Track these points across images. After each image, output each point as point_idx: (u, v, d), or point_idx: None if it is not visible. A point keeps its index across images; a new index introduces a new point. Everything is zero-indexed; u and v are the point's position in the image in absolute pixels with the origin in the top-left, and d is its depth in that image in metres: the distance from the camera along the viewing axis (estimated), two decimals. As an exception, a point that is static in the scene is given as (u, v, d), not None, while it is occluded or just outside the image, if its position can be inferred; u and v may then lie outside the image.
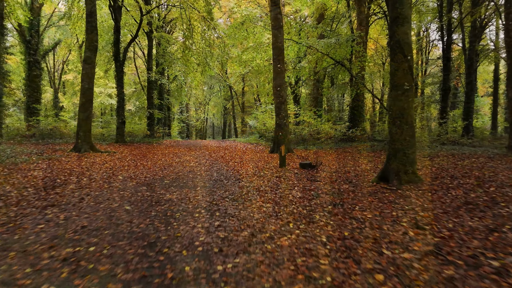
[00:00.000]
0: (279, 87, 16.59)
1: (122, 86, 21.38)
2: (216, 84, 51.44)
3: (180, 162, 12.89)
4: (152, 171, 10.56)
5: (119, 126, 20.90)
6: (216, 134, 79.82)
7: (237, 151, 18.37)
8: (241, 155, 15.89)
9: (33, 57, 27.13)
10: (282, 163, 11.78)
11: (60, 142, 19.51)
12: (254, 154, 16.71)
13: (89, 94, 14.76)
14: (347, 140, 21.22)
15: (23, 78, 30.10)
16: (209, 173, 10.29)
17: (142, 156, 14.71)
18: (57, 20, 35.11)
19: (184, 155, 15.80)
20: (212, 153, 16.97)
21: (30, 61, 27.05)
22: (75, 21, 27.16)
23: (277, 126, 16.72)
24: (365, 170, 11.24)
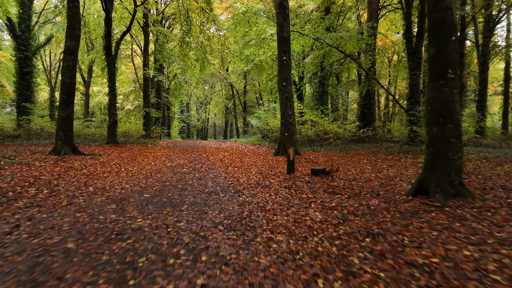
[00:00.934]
0: (284, 81, 14.64)
1: (114, 82, 19.48)
2: (218, 82, 49.53)
3: (171, 167, 10.96)
4: (135, 179, 8.63)
5: (111, 126, 19.00)
6: (217, 134, 77.91)
7: (238, 153, 16.43)
8: (242, 158, 13.96)
9: (24, 53, 25.29)
10: (291, 169, 9.84)
11: (46, 143, 17.61)
12: (257, 156, 14.77)
13: (70, 89, 12.86)
14: (358, 141, 19.27)
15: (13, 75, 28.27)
16: (203, 182, 8.35)
17: (131, 160, 12.80)
18: (53, 17, 33.37)
19: (178, 158, 13.88)
20: (210, 155, 15.04)
21: (20, 57, 25.21)
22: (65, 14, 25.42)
23: (282, 126, 14.78)
24: (388, 177, 9.32)
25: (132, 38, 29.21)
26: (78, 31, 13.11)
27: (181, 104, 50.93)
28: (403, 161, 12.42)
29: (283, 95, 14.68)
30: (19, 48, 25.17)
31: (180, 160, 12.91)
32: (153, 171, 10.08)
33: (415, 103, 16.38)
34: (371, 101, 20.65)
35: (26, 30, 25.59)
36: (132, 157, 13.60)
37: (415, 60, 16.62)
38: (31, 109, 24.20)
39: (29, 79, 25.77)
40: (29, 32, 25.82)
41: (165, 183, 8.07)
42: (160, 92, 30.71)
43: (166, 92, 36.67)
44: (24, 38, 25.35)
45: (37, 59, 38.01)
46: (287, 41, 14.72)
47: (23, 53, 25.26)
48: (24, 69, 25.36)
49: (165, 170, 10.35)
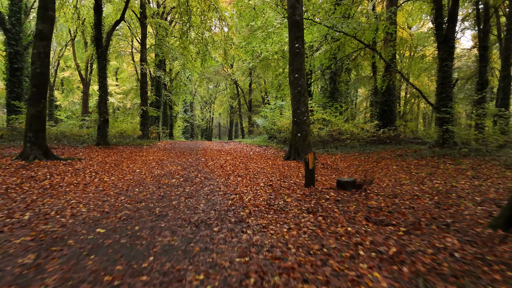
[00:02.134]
0: (297, 73, 12.25)
1: (104, 77, 17.22)
2: (222, 81, 47.22)
3: (159, 177, 8.62)
4: (103, 196, 6.31)
5: (101, 126, 16.73)
6: (222, 134, 75.62)
7: (242, 156, 14.07)
8: (247, 163, 11.59)
9: (14, 48, 23.16)
10: (310, 181, 7.47)
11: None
12: (265, 161, 12.40)
13: (42, 81, 10.57)
14: (377, 142, 16.82)
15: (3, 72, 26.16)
16: (193, 202, 5.99)
17: (114, 166, 10.49)
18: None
19: (172, 163, 11.54)
20: (209, 160, 12.69)
21: (11, 52, 23.06)
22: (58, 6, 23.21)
23: (294, 125, 12.40)
24: (439, 192, 7.01)
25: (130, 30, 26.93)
26: (52, 12, 10.81)
27: (185, 103, 48.64)
28: (443, 168, 9.99)
29: (295, 89, 12.30)
30: (9, 42, 23.05)
31: (172, 166, 10.56)
32: (133, 182, 7.75)
33: (446, 98, 13.92)
34: (391, 98, 18.19)
35: (16, 23, 23.45)
36: (118, 162, 11.29)
37: (447, 49, 14.17)
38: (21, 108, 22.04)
39: (20, 76, 23.62)
40: (19, 26, 23.68)
41: (140, 203, 5.72)
42: (160, 89, 28.40)
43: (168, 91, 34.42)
44: (14, 32, 23.22)
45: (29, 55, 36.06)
46: (299, 25, 12.33)
47: (13, 48, 23.14)
48: (14, 65, 23.23)
49: (149, 181, 8.00)
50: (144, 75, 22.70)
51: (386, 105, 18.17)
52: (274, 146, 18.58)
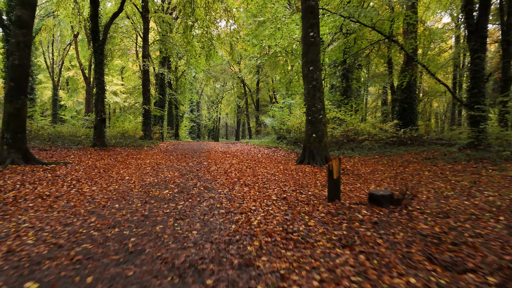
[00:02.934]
0: (311, 65, 10.68)
1: (102, 73, 15.81)
2: (229, 80, 45.73)
3: (149, 186, 7.11)
4: (70, 214, 4.82)
5: (98, 125, 15.32)
6: (229, 135, 74.20)
7: (249, 159, 12.53)
8: (255, 168, 10.04)
9: (12, 45, 21.83)
10: (335, 193, 5.92)
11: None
12: (275, 165, 10.84)
13: (21, 74, 9.16)
14: (398, 143, 15.16)
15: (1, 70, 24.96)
16: (185, 225, 4.46)
17: (102, 172, 9.03)
18: (53, 10, 30.03)
19: (169, 168, 10.03)
20: (213, 164, 11.16)
21: (8, 49, 21.80)
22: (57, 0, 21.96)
23: (308, 124, 10.84)
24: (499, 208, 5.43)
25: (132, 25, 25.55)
26: (33, -4, 9.43)
27: (191, 103, 47.22)
28: (487, 175, 8.36)
29: (309, 84, 10.73)
30: (7, 39, 21.81)
31: (168, 172, 9.06)
32: (116, 195, 6.26)
33: (479, 95, 12.26)
34: (412, 95, 16.48)
35: (15, 19, 22.19)
36: (108, 167, 9.84)
37: (479, 39, 12.52)
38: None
39: (18, 74, 22.36)
40: (18, 21, 22.42)
41: (112, 229, 4.20)
42: (164, 88, 26.97)
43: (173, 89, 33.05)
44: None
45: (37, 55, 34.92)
46: (314, 11, 10.76)
47: (11, 44, 21.84)
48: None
49: (136, 192, 6.50)
50: (146, 72, 21.29)
51: (407, 103, 16.47)
52: (284, 147, 17.00)
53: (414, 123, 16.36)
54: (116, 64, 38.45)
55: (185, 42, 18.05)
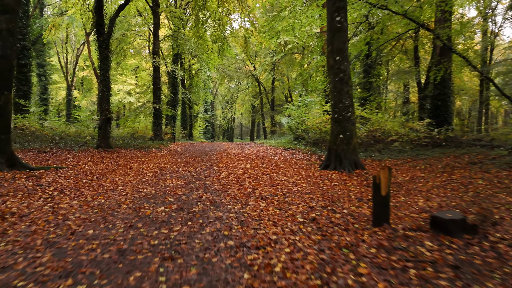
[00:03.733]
0: (338, 55, 9.10)
1: (107, 69, 14.57)
2: (244, 80, 44.29)
3: (143, 200, 5.65)
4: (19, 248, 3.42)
5: (102, 125, 14.09)
6: (244, 135, 72.81)
7: (265, 163, 11.00)
8: (272, 174, 8.50)
9: (21, 43, 20.97)
10: (383, 216, 4.36)
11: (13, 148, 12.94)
12: (295, 170, 9.28)
13: (4, 67, 7.89)
14: (432, 144, 13.37)
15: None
16: (175, 272, 2.98)
17: (96, 178, 7.68)
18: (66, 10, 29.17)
19: (174, 173, 8.59)
20: (223, 169, 9.68)
21: (17, 47, 20.88)
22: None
23: (335, 123, 9.26)
24: None
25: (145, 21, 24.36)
26: (19, -23, 8.17)
27: (205, 103, 45.98)
28: None
29: (335, 76, 9.15)
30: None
31: (171, 180, 7.61)
32: (97, 213, 4.83)
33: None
34: (447, 91, 14.64)
35: (23, 16, 21.28)
36: (105, 172, 8.49)
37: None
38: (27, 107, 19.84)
39: (27, 73, 21.49)
40: (27, 19, 21.54)
41: (65, 281, 2.76)
42: (176, 86, 25.66)
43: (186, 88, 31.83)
44: (21, 26, 21.04)
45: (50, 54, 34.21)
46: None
47: (20, 42, 20.95)
48: (21, 61, 21.08)
49: (123, 210, 5.05)
50: (156, 70, 20.02)
51: (440, 99, 14.64)
52: (302, 149, 15.41)
53: (449, 122, 14.53)
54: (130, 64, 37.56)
55: (197, 36, 16.69)
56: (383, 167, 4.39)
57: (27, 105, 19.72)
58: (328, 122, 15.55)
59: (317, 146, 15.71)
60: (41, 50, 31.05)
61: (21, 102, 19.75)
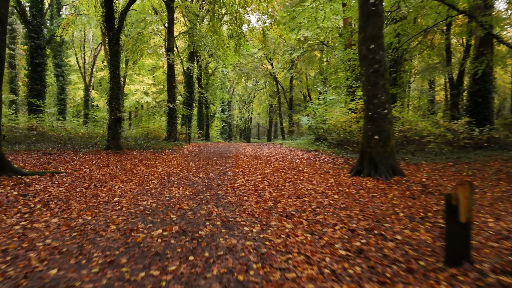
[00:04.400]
0: (372, 42, 7.76)
1: (117, 66, 13.60)
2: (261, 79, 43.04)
3: (139, 218, 4.47)
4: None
5: (112, 126, 13.13)
6: (261, 135, 71.60)
7: (287, 167, 9.73)
8: (296, 182, 7.21)
9: (35, 42, 20.41)
10: (463, 251, 3.05)
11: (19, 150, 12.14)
12: (322, 177, 7.96)
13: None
14: (474, 146, 11.79)
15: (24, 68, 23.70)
16: None
17: (94, 186, 6.60)
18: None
19: (182, 181, 7.41)
20: (239, 174, 8.46)
21: (31, 46, 20.35)
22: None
23: (368, 122, 7.92)
24: None
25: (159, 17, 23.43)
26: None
27: (222, 102, 44.98)
28: None
29: (369, 67, 7.81)
30: (30, 35, 20.34)
31: (179, 189, 6.43)
32: (73, 239, 3.69)
33: None
34: (488, 86, 13.00)
35: (37, 14, 20.72)
36: (106, 179, 7.42)
37: None
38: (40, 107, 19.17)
39: (42, 72, 20.85)
40: (41, 17, 20.93)
41: None
42: (191, 85, 24.64)
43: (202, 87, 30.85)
44: (35, 24, 20.49)
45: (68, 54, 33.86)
46: (377, -31, 7.82)
47: (34, 41, 20.39)
48: (35, 60, 20.47)
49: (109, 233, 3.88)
50: (171, 67, 19.00)
51: (481, 96, 13.03)
52: (325, 150, 14.05)
53: (490, 121, 12.90)
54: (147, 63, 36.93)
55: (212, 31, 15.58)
56: (462, 183, 3.10)
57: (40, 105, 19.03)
58: (353, 121, 14.17)
59: (342, 147, 14.33)
60: (58, 50, 30.73)
61: (34, 101, 19.11)
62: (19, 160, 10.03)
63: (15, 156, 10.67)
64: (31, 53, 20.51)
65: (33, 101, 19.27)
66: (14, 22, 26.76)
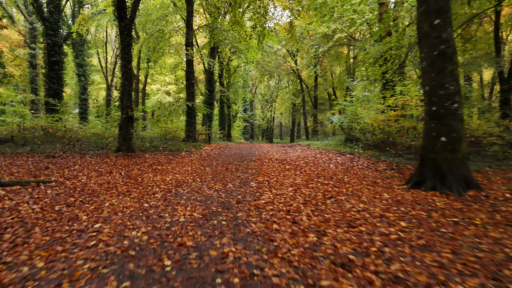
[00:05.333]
0: (436, 16, 5.92)
1: (128, 59, 12.22)
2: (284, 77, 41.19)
3: (117, 262, 2.90)
4: None
5: (123, 125, 11.76)
6: (284, 135, 69.64)
7: (321, 175, 7.95)
8: (339, 198, 5.44)
9: (52, 39, 19.48)
10: None
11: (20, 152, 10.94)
12: (371, 190, 6.12)
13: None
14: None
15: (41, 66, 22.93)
16: None
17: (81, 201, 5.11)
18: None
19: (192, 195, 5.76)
20: (265, 185, 6.75)
21: (48, 43, 19.43)
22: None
23: (431, 119, 6.06)
24: None
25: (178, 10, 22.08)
26: None
27: (244, 102, 43.46)
28: None
29: (433, 49, 5.95)
30: (47, 33, 19.41)
31: (186, 209, 4.79)
32: None
33: None
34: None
35: (55, 11, 19.76)
36: (101, 191, 5.92)
37: None
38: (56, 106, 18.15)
39: (59, 70, 19.88)
40: (58, 14, 19.95)
41: None
42: (212, 83, 23.14)
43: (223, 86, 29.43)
44: (52, 21, 19.56)
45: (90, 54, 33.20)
46: None
47: (51, 38, 19.45)
48: (52, 58, 19.53)
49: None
50: (190, 63, 17.54)
51: (551, 89, 10.86)
52: (362, 153, 12.13)
53: None
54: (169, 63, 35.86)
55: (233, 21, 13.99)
56: None
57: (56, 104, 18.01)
58: (392, 119, 12.20)
59: (380, 149, 12.39)
60: (80, 50, 30.09)
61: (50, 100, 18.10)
62: (16, 164, 8.76)
63: (14, 160, 9.44)
64: (48, 51, 19.59)
65: (49, 100, 18.28)
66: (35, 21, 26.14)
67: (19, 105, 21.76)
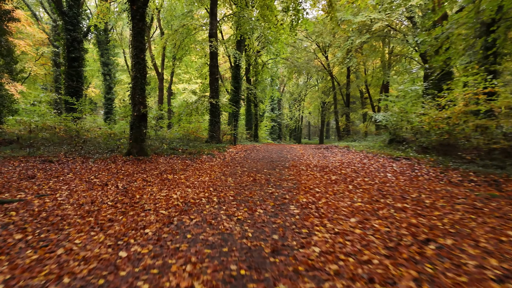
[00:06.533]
0: None
1: (142, 48, 10.38)
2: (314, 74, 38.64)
3: None
4: None
5: (134, 125, 9.95)
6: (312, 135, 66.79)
7: (386, 192, 5.71)
8: (444, 244, 3.26)
9: (71, 34, 18.17)
10: None
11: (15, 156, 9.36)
12: (481, 222, 3.89)
13: None
14: None
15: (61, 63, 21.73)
16: None
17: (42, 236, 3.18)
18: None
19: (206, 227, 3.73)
20: (312, 213, 4.60)
21: (67, 39, 18.14)
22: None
23: None
24: None
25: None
26: None
27: (272, 101, 41.25)
28: None
29: None
30: (66, 28, 18.13)
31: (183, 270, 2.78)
32: None
33: None
34: None
35: (74, 5, 18.42)
36: (76, 218, 4.02)
37: None
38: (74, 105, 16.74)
39: (78, 67, 18.53)
40: (78, 8, 18.61)
41: None
42: (239, 80, 21.12)
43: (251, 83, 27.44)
44: (71, 15, 18.25)
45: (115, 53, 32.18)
46: None
47: (70, 33, 18.14)
48: (71, 54, 18.22)
49: None
50: (214, 56, 15.60)
51: None
52: (419, 158, 9.68)
53: None
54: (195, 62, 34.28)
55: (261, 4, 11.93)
56: None
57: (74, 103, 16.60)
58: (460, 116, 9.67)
59: (440, 153, 9.89)
60: (105, 48, 29.03)
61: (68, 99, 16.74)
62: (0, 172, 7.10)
63: (2, 166, 7.82)
64: (67, 47, 18.29)
65: (67, 98, 16.93)
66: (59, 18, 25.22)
67: (41, 105, 20.70)
